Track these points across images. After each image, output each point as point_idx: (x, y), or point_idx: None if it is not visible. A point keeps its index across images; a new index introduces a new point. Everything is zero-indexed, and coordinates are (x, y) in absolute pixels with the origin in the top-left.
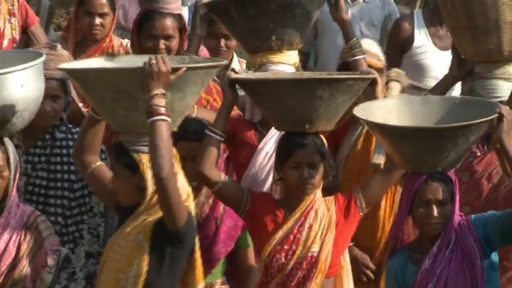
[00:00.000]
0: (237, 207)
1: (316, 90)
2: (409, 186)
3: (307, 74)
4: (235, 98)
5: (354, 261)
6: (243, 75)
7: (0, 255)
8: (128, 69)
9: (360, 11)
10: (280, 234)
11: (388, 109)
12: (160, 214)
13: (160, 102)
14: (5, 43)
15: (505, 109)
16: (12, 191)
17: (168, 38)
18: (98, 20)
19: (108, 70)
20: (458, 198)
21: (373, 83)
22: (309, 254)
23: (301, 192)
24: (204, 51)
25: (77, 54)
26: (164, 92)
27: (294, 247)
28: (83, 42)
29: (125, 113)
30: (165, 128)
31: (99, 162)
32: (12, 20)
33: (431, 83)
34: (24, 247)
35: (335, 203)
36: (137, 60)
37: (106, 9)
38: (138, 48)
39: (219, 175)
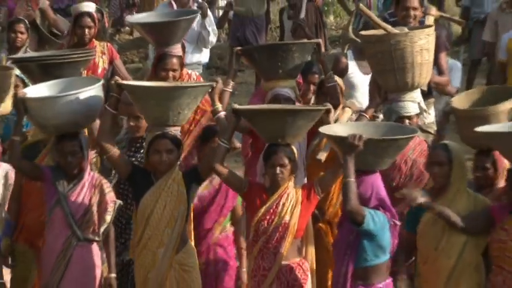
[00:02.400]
0: (236, 190)
1: (283, 117)
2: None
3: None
4: (238, 120)
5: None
6: (242, 108)
7: (79, 204)
8: (205, 84)
9: None
10: (264, 209)
11: (343, 129)
12: (179, 172)
13: (219, 105)
14: (99, 71)
15: (352, 136)
16: (86, 165)
17: (174, 70)
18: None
19: (199, 86)
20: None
21: (328, 111)
22: (283, 222)
23: (277, 183)
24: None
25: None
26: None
27: (272, 217)
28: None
29: (187, 112)
30: (223, 117)
31: (115, 149)
32: (103, 57)
33: (358, 94)
34: (93, 199)
35: (301, 189)
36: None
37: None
38: (154, 76)
39: (225, 170)
